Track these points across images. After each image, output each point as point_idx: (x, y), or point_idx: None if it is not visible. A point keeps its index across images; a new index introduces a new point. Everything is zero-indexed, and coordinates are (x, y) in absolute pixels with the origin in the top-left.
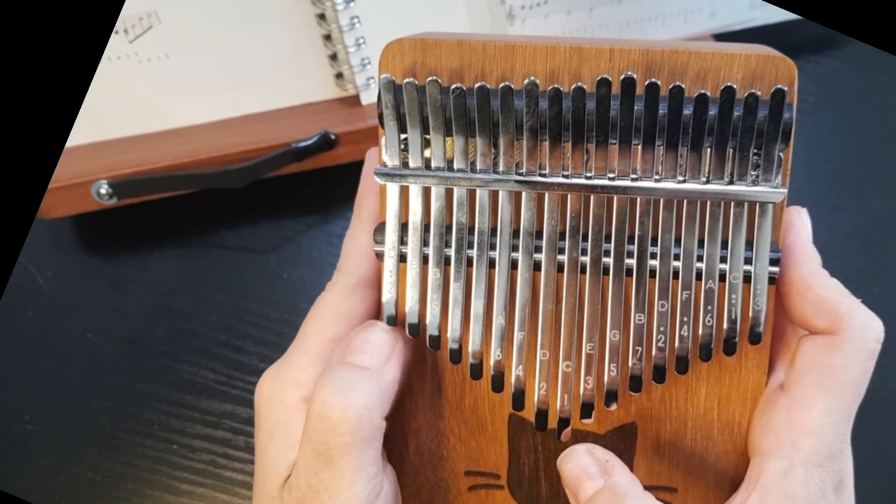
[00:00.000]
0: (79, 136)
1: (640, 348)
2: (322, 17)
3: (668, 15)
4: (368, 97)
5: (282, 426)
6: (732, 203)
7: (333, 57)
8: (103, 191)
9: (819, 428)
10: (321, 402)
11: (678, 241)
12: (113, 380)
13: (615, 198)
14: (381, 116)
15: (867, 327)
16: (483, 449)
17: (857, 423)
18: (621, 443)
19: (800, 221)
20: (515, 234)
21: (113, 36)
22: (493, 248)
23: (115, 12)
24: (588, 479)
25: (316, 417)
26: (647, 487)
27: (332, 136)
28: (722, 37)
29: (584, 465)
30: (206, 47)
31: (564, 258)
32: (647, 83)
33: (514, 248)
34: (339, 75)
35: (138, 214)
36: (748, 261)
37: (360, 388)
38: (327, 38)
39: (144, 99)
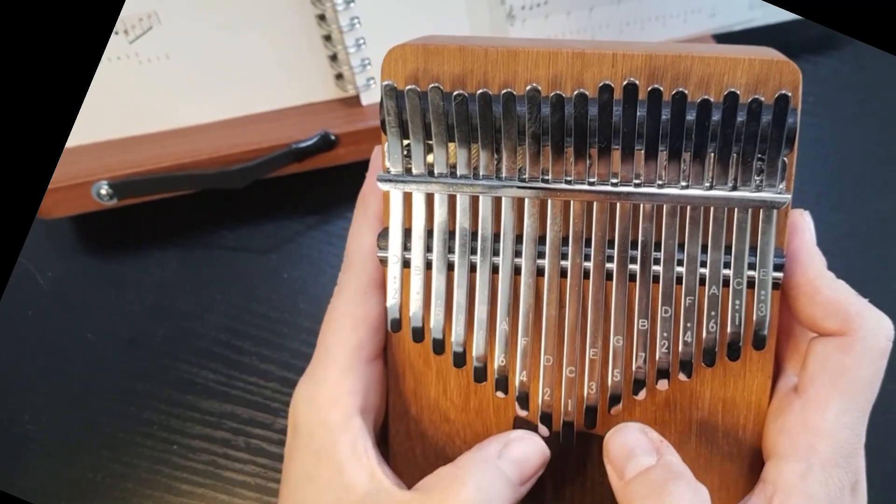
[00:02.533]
0: (79, 136)
1: (643, 354)
2: (322, 17)
3: (668, 15)
4: (368, 98)
5: (327, 447)
6: (736, 209)
7: (333, 57)
8: (103, 191)
9: (835, 429)
10: (466, 498)
11: (682, 246)
12: (113, 380)
13: (618, 204)
14: (383, 123)
15: (878, 327)
16: None
17: None
18: None
19: (803, 224)
20: (518, 239)
21: (113, 36)
22: (496, 253)
23: (115, 12)
24: (640, 454)
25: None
26: None
27: (332, 137)
28: (722, 37)
29: (636, 441)
30: (206, 47)
31: (568, 264)
32: (649, 89)
33: (518, 254)
34: (340, 76)
35: (138, 214)
36: (752, 266)
37: (501, 499)
38: (327, 38)
39: (144, 99)
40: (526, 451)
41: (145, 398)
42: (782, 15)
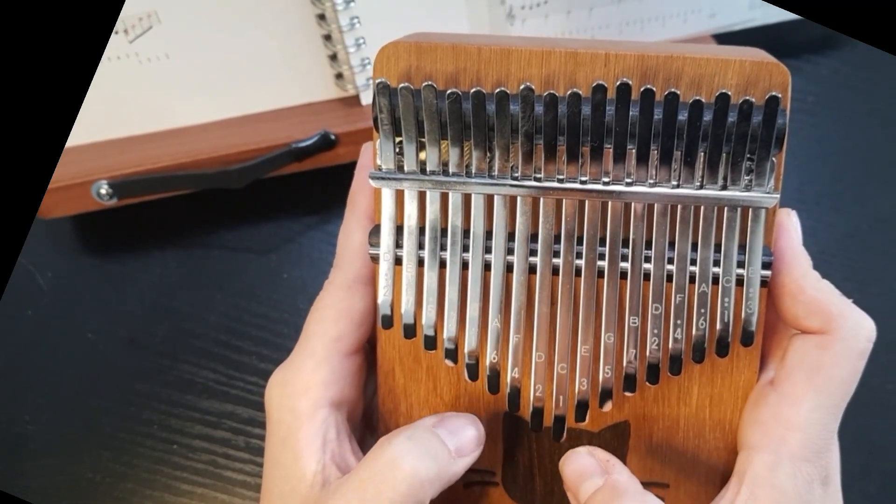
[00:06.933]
0: (79, 136)
1: (634, 350)
2: (322, 17)
3: (668, 15)
4: (368, 97)
5: (292, 434)
6: (726, 208)
7: (333, 57)
8: (103, 191)
9: (806, 424)
10: (399, 454)
11: (672, 244)
12: (113, 380)
13: (610, 202)
14: (375, 120)
15: (858, 327)
16: None
17: (857, 422)
18: (615, 440)
19: (790, 223)
20: (511, 237)
21: (113, 36)
22: (488, 251)
23: (115, 12)
24: (589, 477)
25: (387, 464)
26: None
27: (332, 137)
28: (722, 37)
29: (585, 465)
30: (206, 47)
31: (559, 261)
32: (642, 89)
33: (510, 252)
34: (339, 75)
35: (138, 214)
36: (741, 264)
37: (437, 461)
38: (327, 38)
39: (144, 99)
40: (461, 423)
41: (145, 398)
42: (782, 15)
